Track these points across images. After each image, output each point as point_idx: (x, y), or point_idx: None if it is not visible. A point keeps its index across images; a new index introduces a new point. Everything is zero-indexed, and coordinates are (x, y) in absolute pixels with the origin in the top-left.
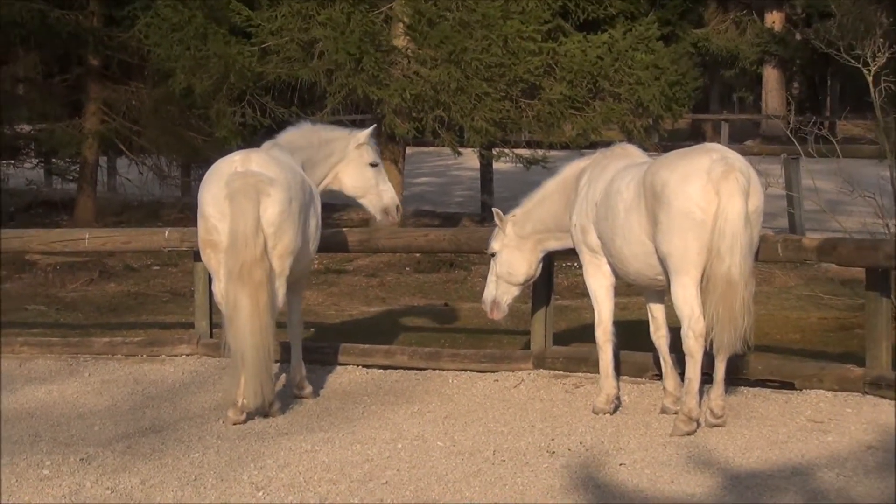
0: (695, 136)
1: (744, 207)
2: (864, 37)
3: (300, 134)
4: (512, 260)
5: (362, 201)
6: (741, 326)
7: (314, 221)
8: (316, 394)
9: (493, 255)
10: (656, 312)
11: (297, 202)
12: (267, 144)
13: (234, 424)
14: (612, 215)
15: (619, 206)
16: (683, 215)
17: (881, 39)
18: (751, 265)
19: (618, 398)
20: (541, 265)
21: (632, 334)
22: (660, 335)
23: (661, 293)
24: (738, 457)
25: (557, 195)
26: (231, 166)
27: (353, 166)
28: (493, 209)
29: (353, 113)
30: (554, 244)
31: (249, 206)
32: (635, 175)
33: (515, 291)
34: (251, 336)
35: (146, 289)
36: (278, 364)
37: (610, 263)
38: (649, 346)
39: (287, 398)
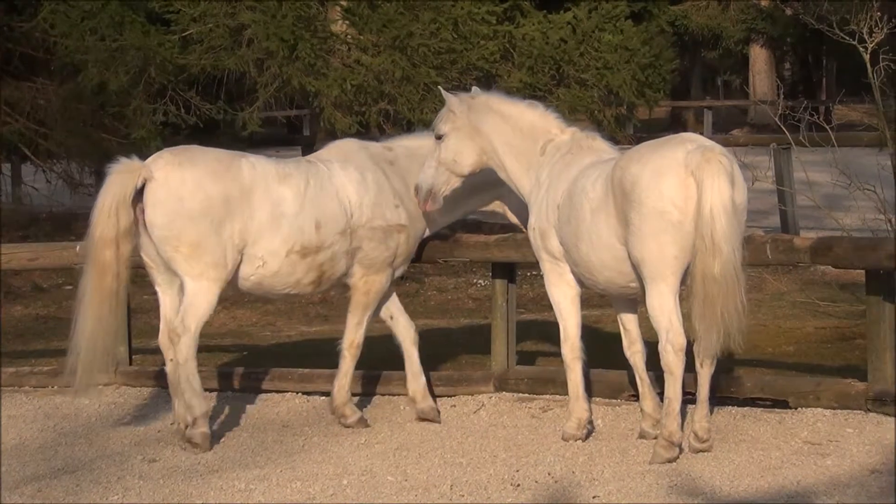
0: (675, 125)
1: (730, 192)
2: (860, 10)
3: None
4: (461, 147)
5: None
6: (735, 330)
7: (264, 214)
8: (290, 424)
9: (439, 137)
10: (629, 325)
11: (199, 199)
12: (358, 146)
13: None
14: (577, 218)
15: (585, 207)
16: (658, 215)
17: (878, 13)
18: (742, 261)
19: (590, 422)
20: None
21: (607, 350)
22: (634, 351)
23: (634, 303)
24: (725, 485)
25: (522, 139)
26: None
27: None
28: (440, 87)
29: (287, 107)
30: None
31: (118, 179)
32: (602, 172)
33: (456, 183)
34: (90, 321)
35: (57, 311)
36: (215, 393)
37: (575, 272)
38: (625, 364)
39: (220, 431)
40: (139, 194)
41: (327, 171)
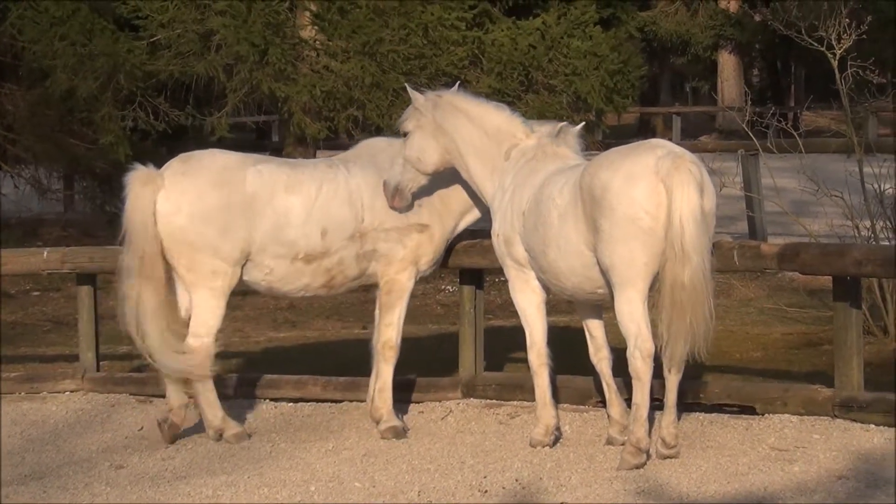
0: (643, 131)
1: (699, 200)
2: (828, 16)
3: None
4: (425, 146)
5: None
6: (701, 338)
7: (268, 223)
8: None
9: (404, 134)
10: (595, 331)
11: (197, 209)
12: None
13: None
14: (544, 225)
15: (552, 213)
16: (629, 222)
17: (846, 20)
18: (711, 268)
19: (557, 429)
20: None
21: (576, 356)
22: (601, 357)
23: (599, 309)
24: (693, 491)
25: (487, 141)
26: None
27: None
28: (407, 85)
29: (256, 113)
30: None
31: (144, 191)
32: (569, 178)
33: (422, 181)
34: (158, 336)
35: (24, 317)
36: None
37: (541, 279)
38: (592, 370)
39: (187, 437)
40: None
41: (345, 173)
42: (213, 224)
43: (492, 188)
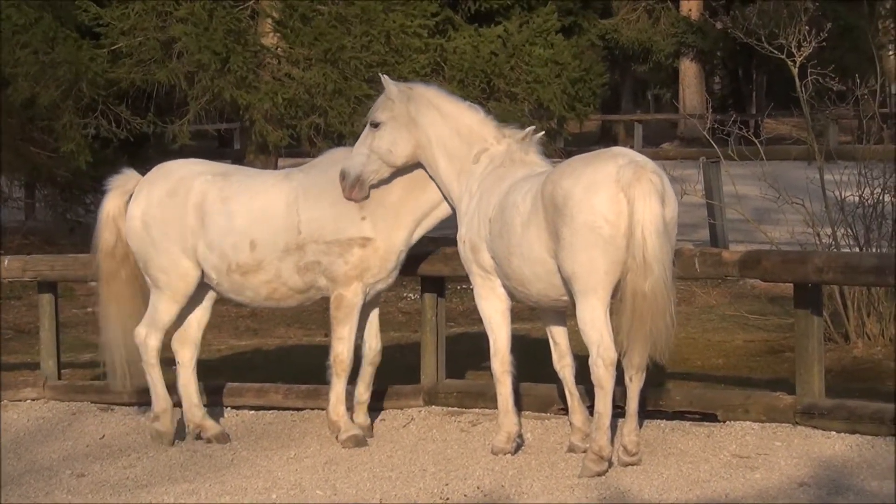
0: (605, 138)
1: (661, 211)
2: (788, 24)
3: None
4: (397, 137)
5: None
6: (661, 345)
7: (207, 233)
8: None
9: (375, 125)
10: (559, 338)
11: (149, 216)
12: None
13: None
14: (509, 232)
15: (516, 220)
16: (589, 230)
17: (807, 27)
18: (672, 277)
19: (519, 436)
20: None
21: (536, 363)
22: (564, 364)
23: (563, 316)
24: (654, 498)
25: (459, 141)
26: None
27: None
28: (381, 74)
29: (217, 120)
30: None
31: (113, 194)
32: (532, 185)
33: (385, 174)
34: (110, 329)
35: None
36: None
37: (506, 286)
38: (555, 377)
39: (148, 445)
40: None
41: (288, 184)
42: (160, 230)
43: (458, 189)
